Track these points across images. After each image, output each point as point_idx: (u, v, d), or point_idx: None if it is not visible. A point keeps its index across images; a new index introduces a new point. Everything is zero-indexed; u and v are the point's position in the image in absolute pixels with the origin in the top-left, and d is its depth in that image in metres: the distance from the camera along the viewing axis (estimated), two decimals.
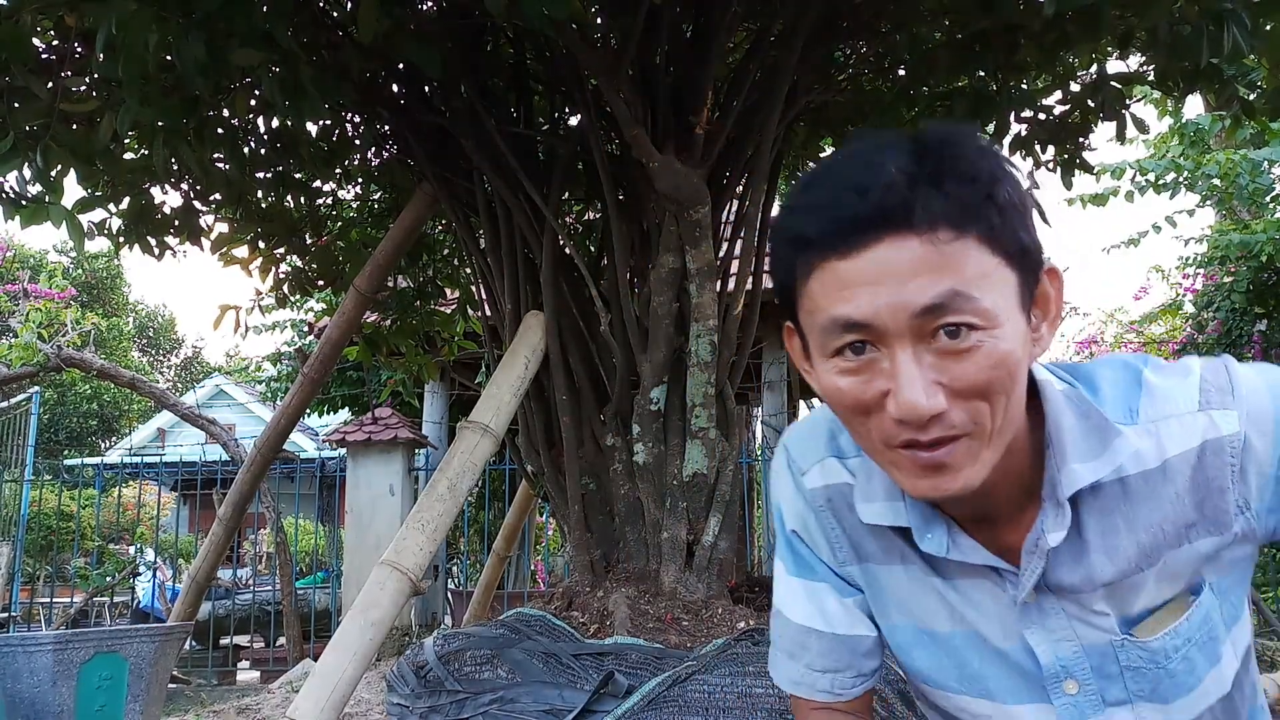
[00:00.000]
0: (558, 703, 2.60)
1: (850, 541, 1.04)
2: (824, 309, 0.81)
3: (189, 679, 7.61)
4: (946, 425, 0.78)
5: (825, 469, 1.03)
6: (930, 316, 0.76)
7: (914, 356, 0.78)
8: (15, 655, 3.92)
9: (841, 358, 0.81)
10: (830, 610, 1.07)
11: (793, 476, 1.07)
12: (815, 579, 1.08)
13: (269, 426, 5.36)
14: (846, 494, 1.01)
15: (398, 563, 3.09)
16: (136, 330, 27.81)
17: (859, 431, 0.85)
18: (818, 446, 1.05)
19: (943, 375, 0.78)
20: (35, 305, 9.39)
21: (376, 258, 4.61)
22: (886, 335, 0.78)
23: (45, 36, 3.40)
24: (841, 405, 0.84)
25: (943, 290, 0.76)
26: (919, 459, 0.80)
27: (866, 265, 0.77)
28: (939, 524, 0.93)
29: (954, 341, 0.77)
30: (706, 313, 3.51)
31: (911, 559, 0.99)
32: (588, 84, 3.78)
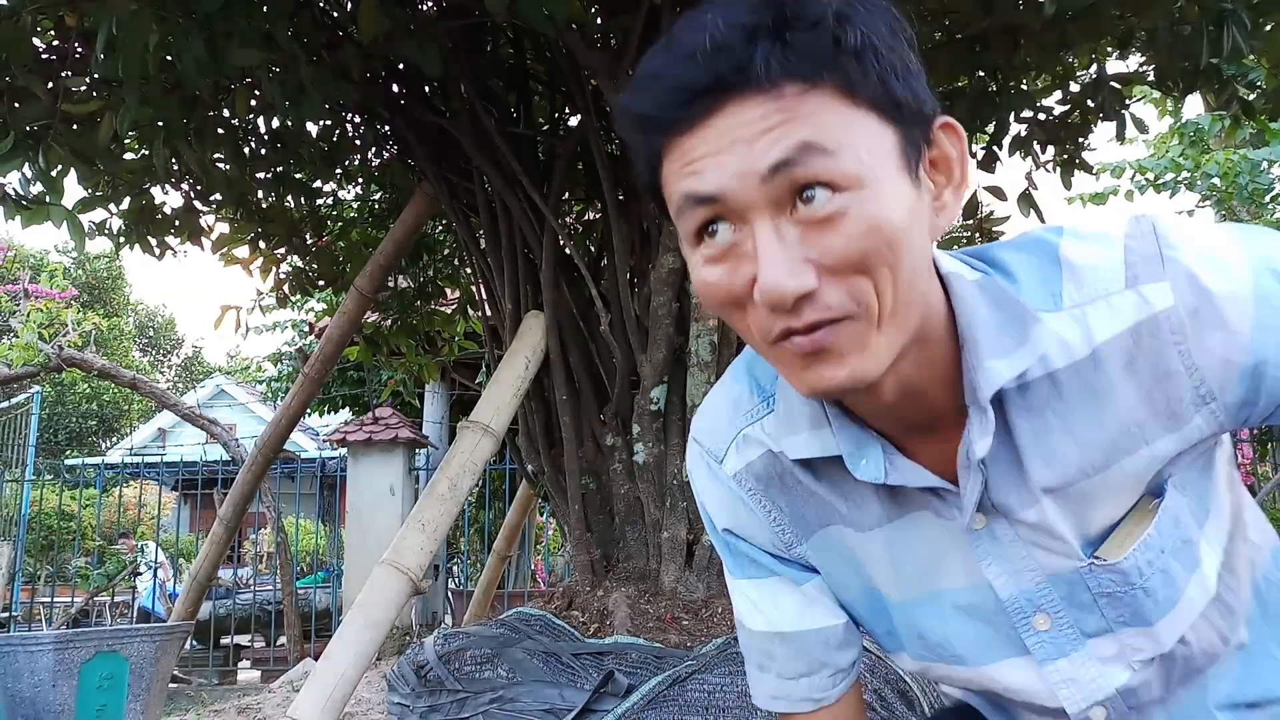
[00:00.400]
0: (558, 702, 2.61)
1: (791, 516, 0.93)
2: (676, 190, 0.72)
3: (190, 678, 7.62)
4: (821, 307, 0.69)
5: (741, 446, 0.93)
6: (781, 177, 0.67)
7: (775, 231, 0.68)
8: (16, 655, 3.93)
9: (703, 245, 0.73)
10: (786, 607, 0.97)
11: (709, 468, 0.97)
12: (762, 575, 0.98)
13: (270, 426, 5.36)
14: (771, 463, 0.91)
15: (398, 562, 3.09)
16: (137, 330, 27.83)
17: (741, 330, 0.76)
18: (725, 424, 0.94)
19: (810, 250, 0.68)
20: (36, 305, 9.40)
21: (377, 258, 4.61)
22: (742, 209, 0.69)
23: (45, 36, 3.41)
24: (714, 301, 0.74)
25: (791, 144, 0.67)
26: (798, 346, 0.70)
27: (711, 135, 0.69)
28: (873, 446, 0.82)
29: (813, 208, 0.67)
30: (707, 312, 3.51)
31: (851, 518, 0.89)
32: (587, 84, 3.79)
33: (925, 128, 0.73)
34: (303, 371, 5.11)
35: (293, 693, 5.17)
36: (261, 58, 2.87)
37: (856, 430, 0.83)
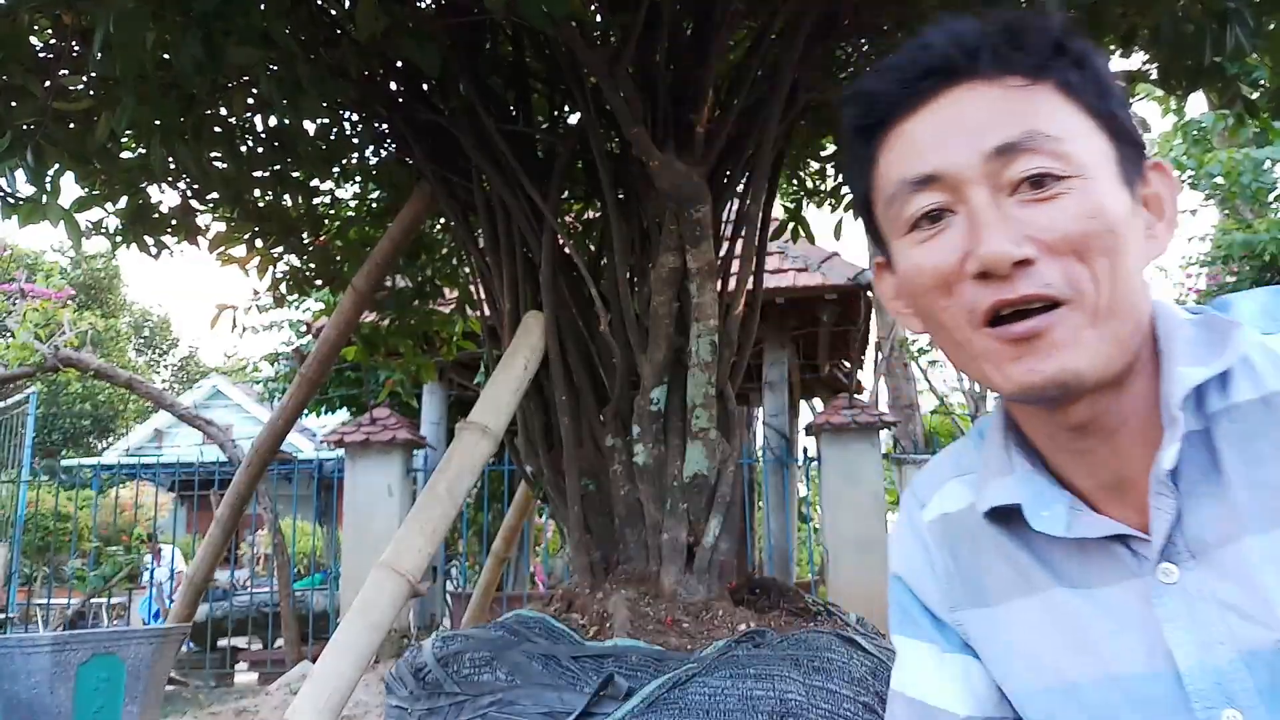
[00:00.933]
0: (557, 705, 2.59)
1: (965, 581, 0.85)
2: (892, 177, 0.73)
3: (187, 681, 7.59)
4: (1038, 281, 0.67)
5: (945, 495, 0.88)
6: (1007, 159, 0.68)
7: (993, 204, 0.68)
8: (13, 657, 3.91)
9: (915, 231, 0.73)
10: (919, 670, 0.88)
11: (910, 514, 0.92)
12: (913, 634, 0.91)
13: (266, 427, 5.34)
14: (965, 521, 0.85)
15: (396, 564, 3.07)
16: (133, 330, 27.79)
17: (943, 323, 0.72)
18: (942, 472, 0.90)
19: (1029, 227, 0.67)
20: (32, 305, 9.37)
21: (374, 257, 4.59)
22: (961, 186, 0.69)
23: (42, 35, 3.39)
24: (920, 284, 0.72)
25: (1018, 128, 0.68)
26: (1009, 333, 0.68)
27: (936, 118, 0.71)
28: (1058, 497, 0.76)
29: (1039, 191, 0.68)
30: (707, 312, 3.49)
31: (1036, 580, 0.78)
32: (587, 82, 3.77)
33: (1138, 155, 0.74)
34: (300, 372, 5.09)
35: (290, 695, 5.14)
36: (259, 56, 2.86)
37: (1042, 480, 0.78)
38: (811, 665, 2.58)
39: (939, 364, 14.23)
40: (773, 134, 3.77)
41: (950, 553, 0.87)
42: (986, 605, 0.83)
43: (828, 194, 5.22)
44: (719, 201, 3.89)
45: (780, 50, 3.76)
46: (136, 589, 11.12)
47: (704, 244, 3.45)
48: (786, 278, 7.88)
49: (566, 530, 3.84)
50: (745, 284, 3.84)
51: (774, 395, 8.43)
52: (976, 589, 0.84)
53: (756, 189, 3.91)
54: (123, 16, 2.48)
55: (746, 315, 3.86)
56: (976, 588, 0.84)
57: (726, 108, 3.84)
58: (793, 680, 2.51)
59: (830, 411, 7.48)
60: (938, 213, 0.71)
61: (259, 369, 14.90)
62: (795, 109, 3.99)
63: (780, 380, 8.43)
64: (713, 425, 3.53)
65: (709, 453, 3.52)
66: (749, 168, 3.99)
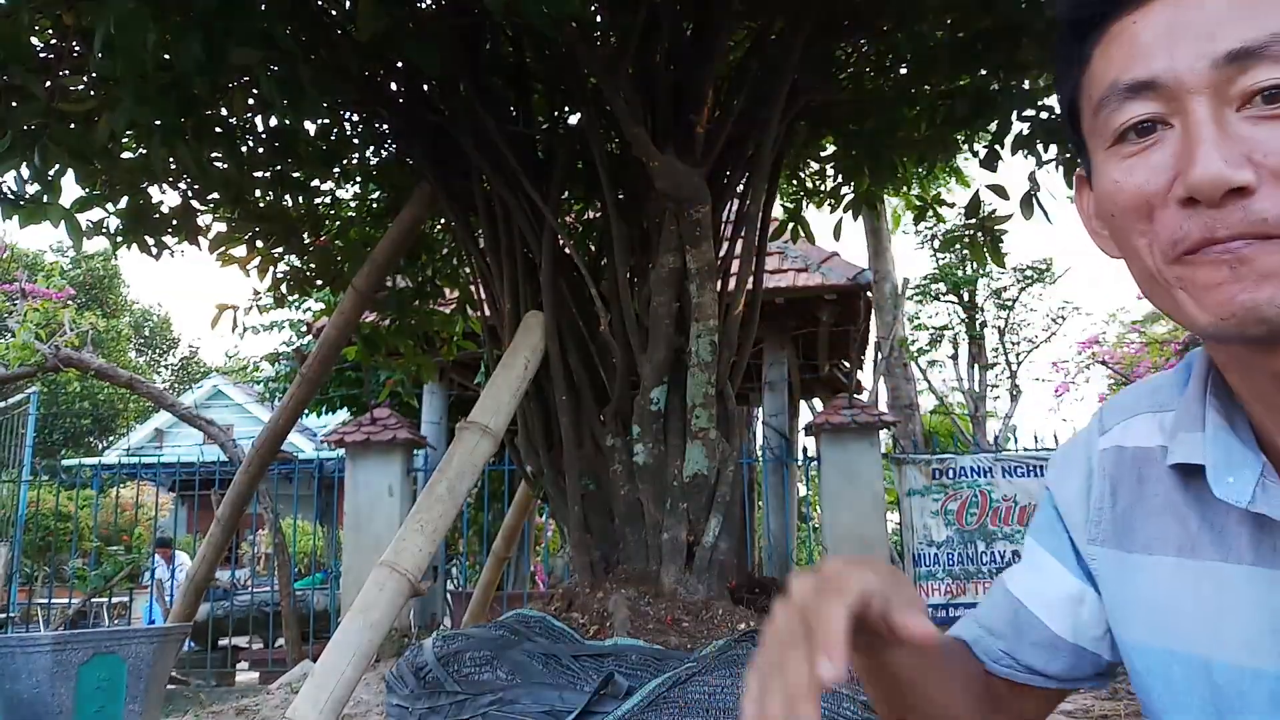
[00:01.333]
0: (557, 704, 2.59)
1: (1115, 519, 0.79)
2: (1103, 80, 0.64)
3: (188, 680, 7.60)
4: (1253, 217, 0.57)
5: (1130, 427, 0.80)
6: (1240, 67, 0.58)
7: (1215, 118, 0.58)
8: (14, 656, 3.91)
9: (1121, 144, 0.63)
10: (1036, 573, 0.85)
11: (1088, 433, 0.85)
12: (1046, 546, 0.86)
13: (267, 427, 5.34)
14: (1141, 461, 0.78)
15: (397, 564, 3.08)
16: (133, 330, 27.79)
17: (1139, 252, 0.64)
18: (1136, 402, 0.82)
19: (1254, 149, 0.57)
20: (33, 305, 9.38)
21: (375, 257, 4.60)
22: (1181, 96, 0.60)
23: (43, 35, 3.39)
24: (1119, 205, 0.63)
25: (1262, 31, 0.57)
26: (1208, 255, 0.59)
27: (1161, 15, 0.61)
28: (1249, 463, 0.67)
29: (1273, 106, 0.57)
30: (707, 312, 3.50)
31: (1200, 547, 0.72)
32: (587, 83, 3.77)
33: None
34: (300, 372, 5.10)
35: (291, 694, 5.15)
36: (259, 56, 2.86)
37: (1235, 442, 0.68)
38: None
39: (938, 364, 14.24)
40: (772, 134, 3.78)
41: (1111, 486, 0.80)
42: (1129, 550, 0.78)
43: (827, 194, 5.23)
44: (719, 202, 3.89)
45: (780, 51, 3.76)
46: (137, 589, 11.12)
47: (704, 244, 3.45)
48: (786, 278, 7.89)
49: (567, 530, 3.85)
50: (745, 284, 3.84)
51: (774, 395, 8.44)
52: (1124, 531, 0.79)
53: (756, 189, 3.92)
54: (124, 17, 2.49)
55: (746, 315, 3.87)
56: (1124, 529, 0.79)
57: (726, 108, 3.84)
58: None
59: (830, 411, 7.48)
60: (1150, 124, 0.62)
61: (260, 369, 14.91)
62: (795, 109, 4.00)
63: (780, 380, 8.44)
64: (712, 425, 3.53)
65: (709, 452, 3.52)
66: (749, 168, 3.99)
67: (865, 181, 4.84)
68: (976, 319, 12.51)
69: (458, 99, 3.88)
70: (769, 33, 3.92)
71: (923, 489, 7.65)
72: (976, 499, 7.59)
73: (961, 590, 7.50)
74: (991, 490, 7.59)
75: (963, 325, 12.59)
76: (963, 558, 7.54)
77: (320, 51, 3.44)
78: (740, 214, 4.08)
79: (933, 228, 11.35)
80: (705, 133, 3.61)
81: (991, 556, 7.55)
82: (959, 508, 7.60)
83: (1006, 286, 12.54)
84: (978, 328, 12.51)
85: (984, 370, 12.54)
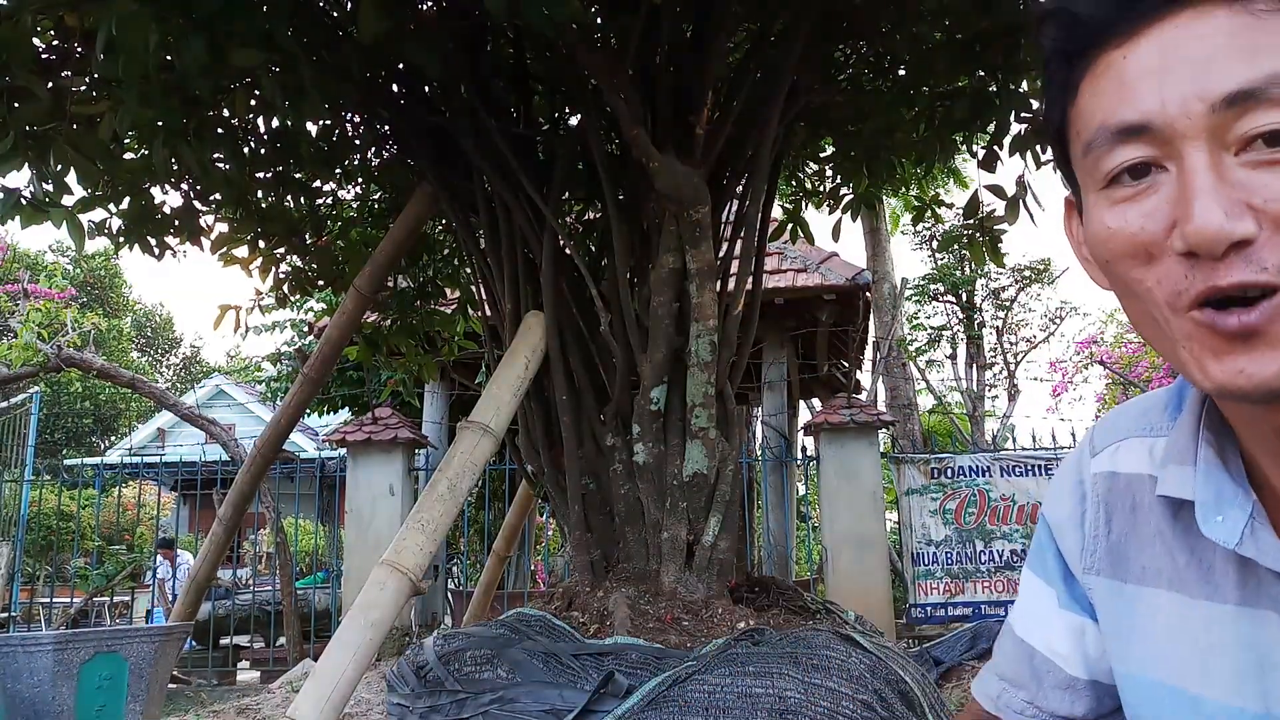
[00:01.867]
0: (558, 703, 2.61)
1: (1110, 548, 0.78)
2: (1092, 120, 0.61)
3: (189, 679, 7.61)
4: (1255, 265, 0.54)
5: (1120, 451, 0.78)
6: (1240, 110, 0.54)
7: (1212, 165, 0.55)
8: (15, 655, 3.93)
9: (1113, 187, 0.60)
10: (1036, 610, 0.85)
11: (1080, 456, 0.83)
12: (1043, 576, 0.86)
13: (269, 426, 5.36)
14: (1134, 488, 0.76)
15: (398, 563, 3.09)
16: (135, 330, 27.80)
17: (1139, 299, 0.61)
18: (1124, 423, 0.80)
19: (1254, 195, 0.55)
20: (35, 305, 9.39)
21: (376, 258, 4.61)
22: (1175, 140, 0.56)
23: (45, 37, 3.41)
24: (1111, 252, 0.60)
25: (1261, 73, 0.54)
26: (1218, 324, 0.56)
27: (1154, 48, 0.57)
28: (1239, 502, 0.65)
29: (1275, 150, 0.54)
30: (706, 313, 3.51)
31: (1188, 584, 0.71)
32: (588, 84, 3.79)
33: None
34: (302, 371, 5.11)
35: (292, 693, 5.16)
36: (261, 58, 2.88)
37: (1225, 479, 0.66)
38: (810, 663, 2.60)
39: (937, 364, 14.25)
40: (772, 135, 3.79)
41: (1105, 513, 0.78)
42: (1124, 580, 0.76)
43: (826, 195, 5.24)
44: (718, 202, 3.91)
45: (779, 52, 3.78)
46: (139, 588, 11.14)
47: (703, 244, 3.47)
48: (786, 278, 7.90)
49: (567, 529, 3.86)
50: (745, 284, 3.85)
51: (773, 395, 8.46)
52: (1119, 560, 0.77)
53: (755, 190, 3.93)
54: (126, 18, 2.50)
55: (746, 315, 3.88)
56: (1119, 558, 0.77)
57: (726, 109, 3.85)
58: (791, 678, 2.53)
59: (829, 411, 7.50)
60: (1143, 167, 0.58)
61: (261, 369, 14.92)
62: (794, 110, 4.01)
63: (779, 380, 8.45)
64: (712, 425, 3.55)
65: (708, 452, 3.54)
66: (748, 169, 4.00)
67: (864, 182, 4.86)
68: (975, 319, 12.52)
69: (459, 100, 3.90)
70: (768, 34, 3.93)
71: (921, 488, 7.66)
72: (975, 498, 7.60)
73: (960, 589, 7.52)
74: (990, 489, 7.61)
75: (961, 325, 12.60)
76: (961, 557, 7.56)
77: (322, 53, 3.46)
78: (740, 215, 4.09)
79: (931, 228, 11.36)
80: (705, 134, 3.62)
81: (990, 556, 7.56)
82: (957, 507, 7.61)
83: (1005, 286, 12.56)
84: (976, 328, 12.52)
85: (982, 370, 12.56)
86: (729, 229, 4.20)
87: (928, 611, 7.52)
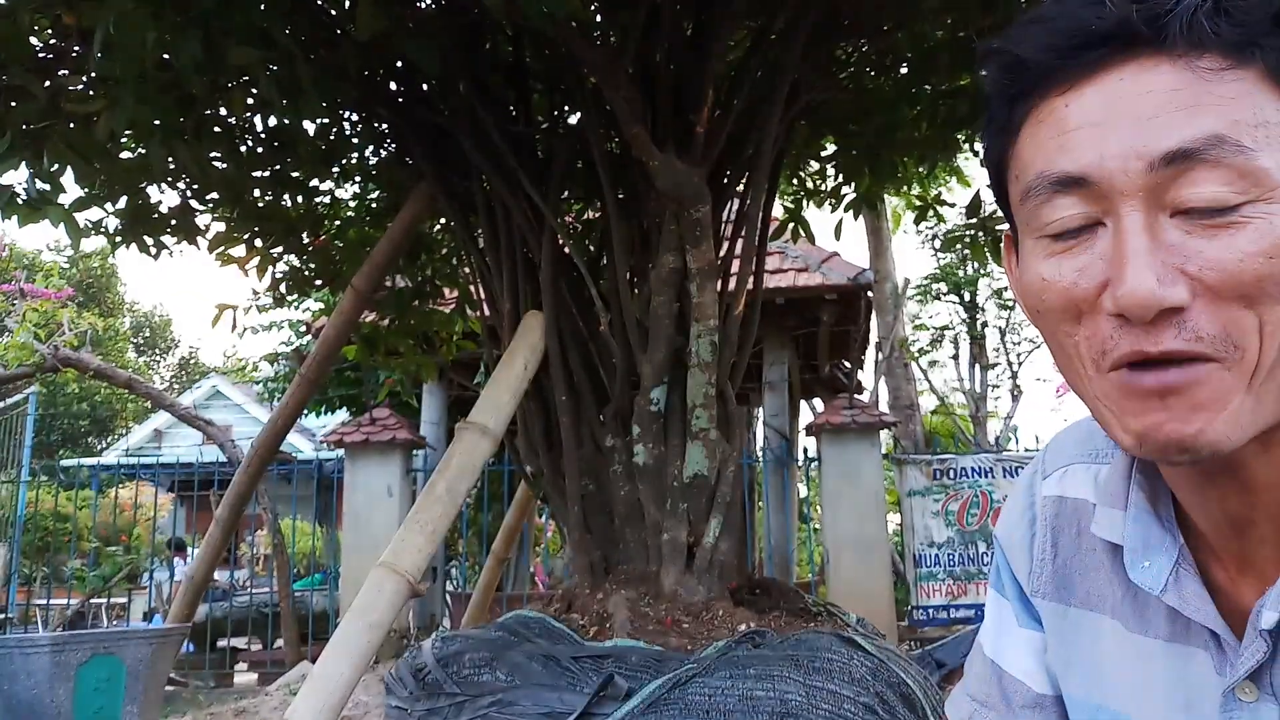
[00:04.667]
0: (557, 705, 2.58)
1: (1055, 571, 0.79)
2: (1031, 166, 0.59)
3: (186, 681, 7.59)
4: (1187, 334, 0.54)
5: (1067, 477, 0.79)
6: (1178, 171, 0.54)
7: (1146, 227, 0.54)
8: (12, 657, 3.90)
9: (1052, 239, 0.59)
10: (1002, 631, 0.85)
11: (1031, 477, 0.84)
12: (998, 590, 0.86)
13: (266, 427, 5.34)
14: (1080, 513, 0.77)
15: (396, 565, 3.07)
16: (132, 330, 27.79)
17: (1065, 351, 0.60)
18: (1071, 447, 0.80)
19: (1188, 261, 0.54)
20: (32, 305, 9.37)
21: (374, 257, 4.59)
22: (1112, 196, 0.55)
23: (43, 35, 3.39)
24: (1047, 304, 0.60)
25: (1200, 130, 0.53)
26: (1138, 383, 0.55)
27: (1097, 100, 0.56)
28: (1165, 550, 0.66)
29: (1211, 217, 0.54)
30: (707, 312, 3.49)
31: (1122, 615, 0.72)
32: (587, 82, 3.77)
33: None
34: (299, 372, 5.09)
35: (290, 696, 5.14)
36: (259, 56, 2.86)
37: (1154, 525, 0.66)
38: (811, 665, 2.58)
39: (939, 364, 14.23)
40: (773, 134, 3.77)
41: (1053, 538, 0.79)
42: (1068, 604, 0.77)
43: (828, 194, 5.22)
44: (719, 202, 3.89)
45: (780, 50, 3.76)
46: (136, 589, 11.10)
47: (704, 244, 3.45)
48: (786, 278, 7.88)
49: (566, 530, 3.84)
50: (745, 284, 3.84)
51: (774, 395, 8.43)
52: (1064, 584, 0.78)
53: (756, 189, 3.91)
54: (123, 17, 2.48)
55: (746, 315, 3.86)
56: (1064, 582, 0.78)
57: (726, 108, 3.84)
58: (793, 680, 2.51)
59: (830, 411, 7.48)
60: (1079, 225, 0.58)
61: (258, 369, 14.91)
62: (795, 109, 3.99)
63: (780, 380, 8.43)
64: (713, 425, 3.53)
65: (709, 453, 3.51)
66: (749, 167, 3.98)
67: (866, 181, 4.84)
68: (977, 319, 12.50)
69: (457, 99, 3.88)
70: (769, 32, 3.91)
71: (923, 489, 7.64)
72: (977, 499, 7.58)
73: (962, 591, 7.50)
74: (992, 491, 7.59)
75: (964, 325, 12.58)
76: (963, 558, 7.53)
77: (319, 51, 3.44)
78: (740, 214, 4.07)
79: (933, 228, 11.34)
80: (705, 132, 3.60)
81: (992, 557, 7.54)
82: (960, 508, 7.59)
83: (1007, 286, 12.55)
84: (979, 328, 12.50)
85: (985, 370, 12.53)
86: (730, 228, 4.18)
87: (930, 614, 7.50)
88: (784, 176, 5.00)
